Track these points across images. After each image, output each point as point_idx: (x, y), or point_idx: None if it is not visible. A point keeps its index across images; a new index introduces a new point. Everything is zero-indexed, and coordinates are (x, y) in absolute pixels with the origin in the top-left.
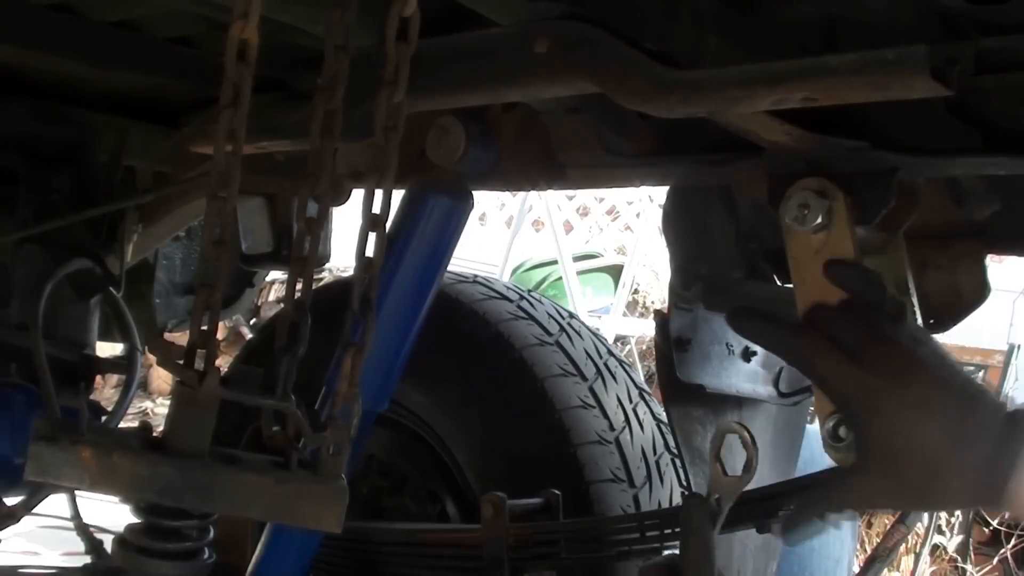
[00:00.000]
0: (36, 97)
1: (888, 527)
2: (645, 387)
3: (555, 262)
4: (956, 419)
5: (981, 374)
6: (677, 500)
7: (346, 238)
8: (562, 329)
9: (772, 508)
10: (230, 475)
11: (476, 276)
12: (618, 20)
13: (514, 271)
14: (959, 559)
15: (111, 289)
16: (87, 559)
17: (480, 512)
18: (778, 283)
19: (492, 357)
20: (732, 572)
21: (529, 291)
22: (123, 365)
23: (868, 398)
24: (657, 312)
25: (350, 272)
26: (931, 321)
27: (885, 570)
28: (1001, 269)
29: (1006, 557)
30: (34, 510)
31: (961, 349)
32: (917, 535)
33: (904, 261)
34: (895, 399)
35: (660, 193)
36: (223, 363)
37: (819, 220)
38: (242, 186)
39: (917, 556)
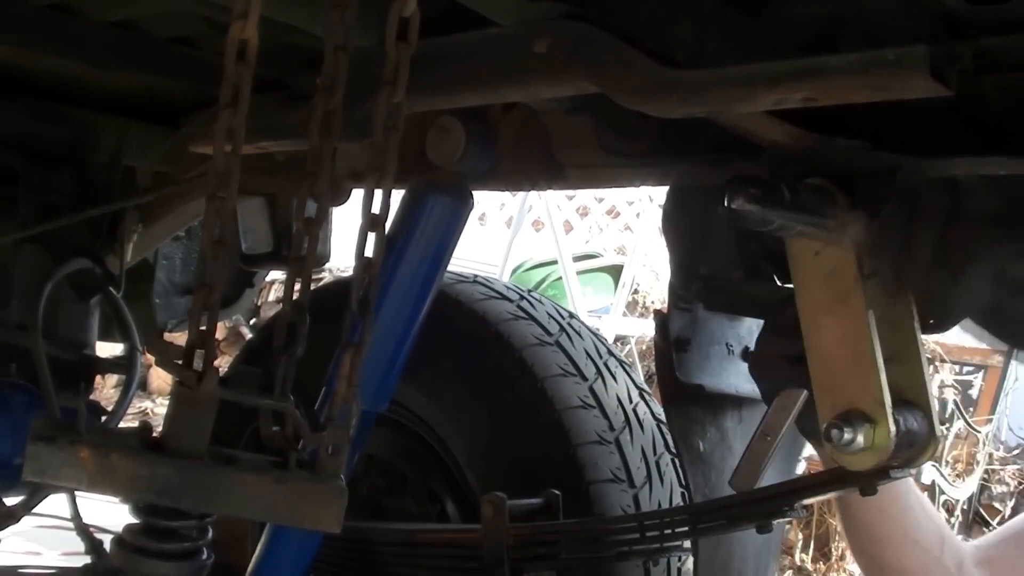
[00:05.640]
0: (36, 97)
1: None
2: (645, 387)
3: (555, 262)
4: None
5: (981, 374)
6: (677, 500)
7: (346, 238)
8: (562, 329)
9: (773, 508)
10: (229, 475)
11: (476, 276)
12: (618, 20)
13: (514, 271)
14: None
15: (111, 289)
16: (87, 559)
17: (480, 512)
18: (778, 283)
19: (492, 357)
20: (732, 572)
21: (529, 291)
22: (123, 365)
23: None
24: (657, 312)
25: (350, 272)
26: (931, 321)
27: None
28: None
29: None
30: (34, 510)
31: (961, 349)
32: None
33: None
34: None
35: (660, 193)
36: (223, 363)
37: None
38: (242, 186)
39: None
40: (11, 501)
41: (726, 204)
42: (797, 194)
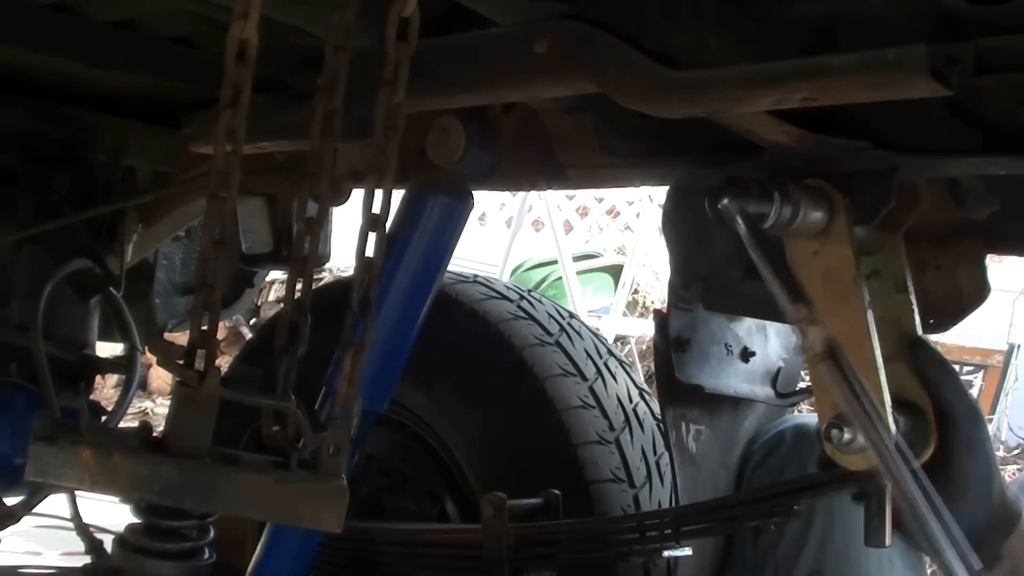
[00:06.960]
0: (36, 97)
1: None
2: (645, 387)
3: (555, 262)
4: None
5: (981, 374)
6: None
7: (346, 238)
8: (562, 329)
9: (769, 509)
10: (230, 475)
11: (476, 276)
12: (618, 20)
13: (514, 271)
14: None
15: (111, 289)
16: (87, 559)
17: (480, 512)
18: None
19: (492, 357)
20: None
21: (529, 291)
22: (123, 365)
23: None
24: (657, 312)
25: (350, 272)
26: (931, 321)
27: None
28: (1001, 269)
29: None
30: (34, 510)
31: (961, 349)
32: None
33: (903, 261)
34: None
35: (660, 193)
36: (222, 363)
37: None
38: (242, 186)
39: None
40: (11, 501)
41: (707, 209)
42: (787, 195)
